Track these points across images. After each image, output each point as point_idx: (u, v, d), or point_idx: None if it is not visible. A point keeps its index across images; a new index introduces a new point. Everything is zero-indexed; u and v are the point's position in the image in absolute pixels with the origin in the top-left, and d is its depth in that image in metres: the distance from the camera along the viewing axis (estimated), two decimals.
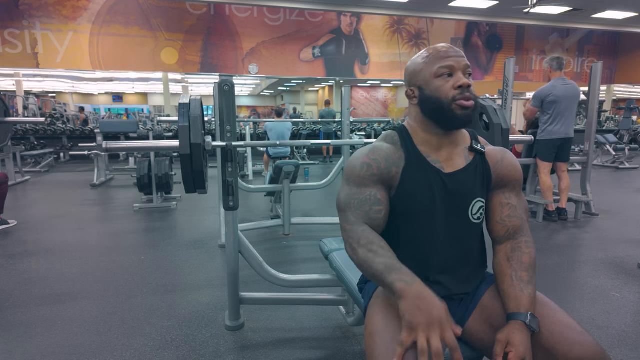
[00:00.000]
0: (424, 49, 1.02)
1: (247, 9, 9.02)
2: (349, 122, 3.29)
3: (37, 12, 8.03)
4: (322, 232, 3.36)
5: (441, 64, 0.96)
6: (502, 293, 0.95)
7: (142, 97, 22.07)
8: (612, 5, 8.34)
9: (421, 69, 0.99)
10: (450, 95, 0.95)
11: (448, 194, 0.99)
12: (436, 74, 0.96)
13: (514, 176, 1.05)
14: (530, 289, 0.93)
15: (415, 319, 0.77)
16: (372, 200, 0.97)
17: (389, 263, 0.87)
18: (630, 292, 2.22)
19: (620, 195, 4.99)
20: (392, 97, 18.50)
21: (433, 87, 0.97)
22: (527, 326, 0.86)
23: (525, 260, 0.98)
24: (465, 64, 0.97)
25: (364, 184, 0.98)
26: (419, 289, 0.81)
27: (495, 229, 1.04)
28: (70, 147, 8.33)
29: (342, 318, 1.89)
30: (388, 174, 0.98)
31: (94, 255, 2.79)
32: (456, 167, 1.00)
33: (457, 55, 0.97)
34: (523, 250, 0.99)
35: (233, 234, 1.76)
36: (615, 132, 9.21)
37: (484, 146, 1.06)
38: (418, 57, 1.01)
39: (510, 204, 1.03)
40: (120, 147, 1.65)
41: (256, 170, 6.67)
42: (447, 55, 0.96)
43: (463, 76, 0.96)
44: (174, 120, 4.91)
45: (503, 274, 0.98)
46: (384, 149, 1.01)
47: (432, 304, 0.79)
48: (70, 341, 1.73)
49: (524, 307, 0.89)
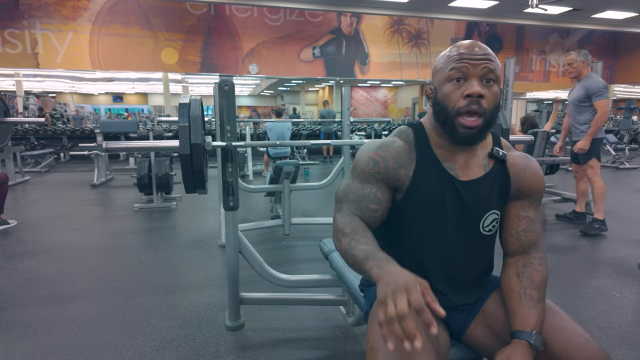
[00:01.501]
0: (453, 44, 0.91)
1: (247, 9, 9.02)
2: (349, 122, 3.29)
3: (37, 12, 8.02)
4: (322, 232, 3.36)
5: (454, 65, 0.86)
6: (509, 310, 0.91)
7: (142, 97, 22.07)
8: (612, 5, 8.33)
9: (439, 69, 0.90)
10: (457, 105, 0.86)
11: (460, 203, 0.92)
12: (448, 78, 0.87)
13: (535, 188, 0.97)
14: (539, 308, 0.88)
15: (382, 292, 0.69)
16: (371, 198, 0.91)
17: (368, 250, 0.80)
18: (631, 292, 2.22)
19: (621, 195, 4.99)
20: (392, 97, 18.50)
21: (443, 92, 0.88)
22: (532, 346, 0.82)
23: (537, 279, 0.92)
24: (484, 68, 0.84)
25: (366, 180, 0.92)
26: (390, 269, 0.73)
27: (508, 242, 0.97)
28: (71, 147, 8.33)
29: (342, 318, 1.89)
30: (394, 175, 0.92)
31: (94, 255, 2.79)
32: (473, 176, 0.93)
33: (475, 57, 0.85)
34: (535, 268, 0.93)
35: (233, 234, 1.75)
36: (615, 132, 9.21)
37: (506, 152, 0.96)
38: (444, 53, 0.92)
39: (528, 217, 0.96)
40: (120, 147, 1.65)
41: (256, 170, 6.67)
42: (463, 57, 0.85)
43: (477, 83, 0.84)
44: (174, 120, 4.92)
45: (511, 289, 0.92)
46: (395, 147, 0.94)
47: (399, 274, 0.71)
48: (70, 341, 1.73)
49: (529, 325, 0.85)
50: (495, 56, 0.88)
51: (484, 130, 0.88)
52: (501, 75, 0.88)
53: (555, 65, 11.47)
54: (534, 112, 11.72)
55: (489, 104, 0.86)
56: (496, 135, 0.99)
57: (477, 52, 0.85)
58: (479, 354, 0.99)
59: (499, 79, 0.87)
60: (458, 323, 0.99)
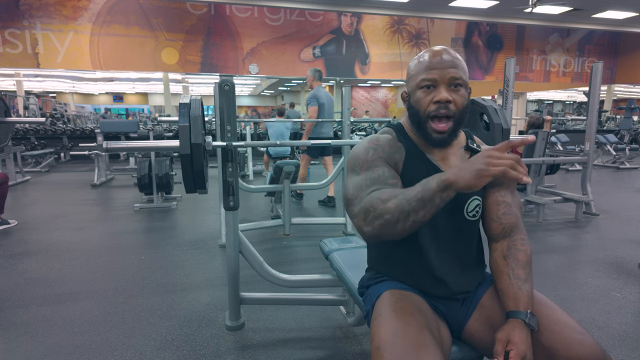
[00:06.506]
0: (423, 50, 1.00)
1: (247, 9, 9.02)
2: (349, 122, 3.29)
3: (38, 12, 8.03)
4: (322, 232, 3.36)
5: (424, 75, 0.94)
6: (500, 291, 0.96)
7: (142, 97, 22.06)
8: (612, 5, 8.33)
9: (412, 75, 0.99)
10: (427, 110, 0.94)
11: None
12: (419, 85, 0.96)
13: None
14: (527, 286, 0.93)
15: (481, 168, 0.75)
16: (386, 175, 0.93)
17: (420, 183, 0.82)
18: (631, 292, 2.22)
19: (621, 195, 4.98)
20: (392, 97, 18.49)
21: (415, 97, 0.97)
22: (527, 324, 0.86)
23: (522, 258, 0.97)
24: (451, 75, 0.93)
25: (373, 165, 0.95)
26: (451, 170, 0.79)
27: (491, 227, 1.03)
28: (71, 147, 8.33)
29: (343, 318, 1.89)
30: (392, 159, 0.98)
31: (94, 255, 2.79)
32: (453, 166, 1.00)
33: (443, 66, 0.93)
34: (519, 248, 0.99)
35: (233, 233, 1.76)
36: (615, 132, 9.21)
37: (479, 145, 1.07)
38: (415, 60, 1.00)
39: (505, 202, 1.03)
40: (120, 147, 1.65)
41: (256, 170, 6.67)
42: (432, 66, 0.93)
43: (445, 89, 0.93)
44: (174, 120, 4.91)
45: (500, 272, 0.98)
46: (384, 137, 1.02)
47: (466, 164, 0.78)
48: (71, 341, 1.73)
49: (522, 305, 0.89)
50: (462, 60, 0.96)
51: (454, 132, 0.97)
52: (468, 78, 0.97)
53: (555, 65, 11.46)
54: (534, 112, 11.72)
55: (458, 107, 0.94)
56: (468, 132, 1.09)
57: (444, 59, 0.93)
58: (480, 353, 1.00)
59: (466, 82, 0.96)
60: (458, 317, 1.01)
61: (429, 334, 0.84)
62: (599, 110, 10.74)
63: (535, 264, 2.47)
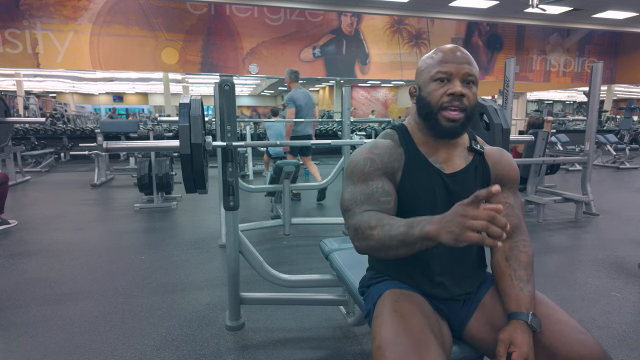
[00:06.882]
0: (436, 48, 1.00)
1: (247, 9, 9.02)
2: (349, 122, 3.29)
3: (38, 12, 8.03)
4: (322, 232, 3.36)
5: (440, 68, 0.94)
6: (502, 293, 0.96)
7: (142, 97, 22.06)
8: (612, 5, 8.33)
9: (424, 69, 0.99)
10: (440, 101, 0.94)
11: (448, 194, 0.99)
12: (433, 77, 0.95)
13: (512, 176, 1.07)
14: (529, 287, 0.93)
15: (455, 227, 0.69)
16: (380, 192, 0.95)
17: (407, 223, 0.79)
18: (631, 292, 2.22)
19: (621, 195, 4.98)
20: (392, 97, 18.48)
21: (427, 89, 0.97)
22: (529, 326, 0.86)
23: (523, 260, 0.98)
24: (466, 71, 0.94)
25: (369, 178, 0.96)
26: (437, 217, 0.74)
27: None
28: (71, 147, 8.33)
29: (343, 318, 1.89)
30: (391, 168, 0.98)
31: (94, 255, 2.79)
32: (456, 168, 1.01)
33: (458, 61, 0.94)
34: (520, 249, 0.99)
35: (233, 234, 1.76)
36: (615, 132, 9.21)
37: (483, 146, 1.07)
38: (428, 55, 1.01)
39: (508, 203, 1.03)
40: (120, 147, 1.65)
41: (256, 170, 6.67)
42: (447, 60, 0.94)
43: (460, 84, 0.93)
44: (174, 120, 4.91)
45: (502, 273, 0.98)
46: (385, 144, 1.01)
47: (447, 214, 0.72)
48: (71, 341, 1.73)
49: (524, 306, 0.89)
50: (474, 60, 0.97)
51: (465, 125, 0.96)
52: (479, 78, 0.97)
53: (555, 65, 11.46)
54: (534, 112, 11.71)
55: (470, 102, 0.95)
56: (472, 133, 1.09)
57: (459, 56, 0.95)
58: (481, 353, 1.00)
59: (477, 81, 0.96)
60: (459, 317, 1.01)
61: (431, 333, 0.84)
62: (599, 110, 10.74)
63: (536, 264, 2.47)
